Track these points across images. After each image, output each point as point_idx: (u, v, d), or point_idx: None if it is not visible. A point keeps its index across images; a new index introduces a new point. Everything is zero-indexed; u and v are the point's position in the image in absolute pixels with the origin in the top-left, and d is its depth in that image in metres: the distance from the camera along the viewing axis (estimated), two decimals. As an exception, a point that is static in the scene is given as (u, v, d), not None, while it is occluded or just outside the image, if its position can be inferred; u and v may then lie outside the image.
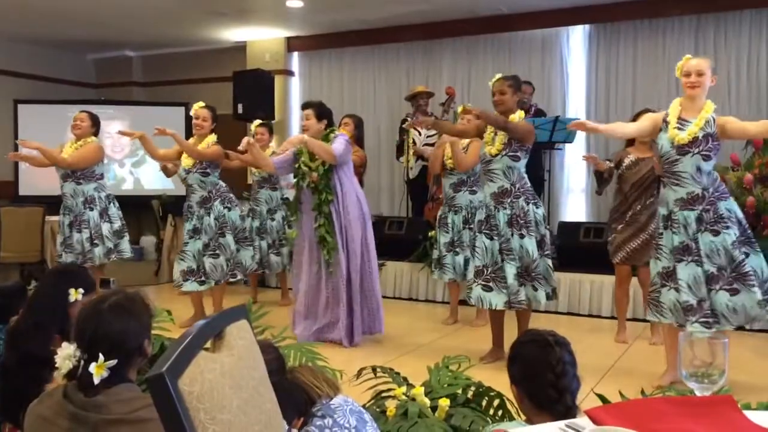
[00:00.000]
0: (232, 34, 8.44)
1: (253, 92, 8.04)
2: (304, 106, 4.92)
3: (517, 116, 4.29)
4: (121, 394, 1.63)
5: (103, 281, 5.20)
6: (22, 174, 8.86)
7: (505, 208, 4.23)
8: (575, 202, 7.45)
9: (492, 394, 2.55)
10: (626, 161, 4.74)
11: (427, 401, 2.42)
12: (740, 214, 3.70)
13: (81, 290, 2.47)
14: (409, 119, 7.17)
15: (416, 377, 2.72)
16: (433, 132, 7.16)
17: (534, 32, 7.49)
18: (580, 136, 7.01)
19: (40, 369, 2.17)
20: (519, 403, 1.98)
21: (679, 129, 3.66)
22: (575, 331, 4.36)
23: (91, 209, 5.55)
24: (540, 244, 4.24)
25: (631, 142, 4.79)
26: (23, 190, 8.77)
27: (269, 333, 3.17)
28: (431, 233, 6.42)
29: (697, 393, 1.29)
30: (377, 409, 2.46)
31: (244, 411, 1.16)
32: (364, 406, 2.30)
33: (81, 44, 9.10)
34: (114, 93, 9.69)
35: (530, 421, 1.93)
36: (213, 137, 5.37)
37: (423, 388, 2.48)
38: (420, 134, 7.20)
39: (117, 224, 5.71)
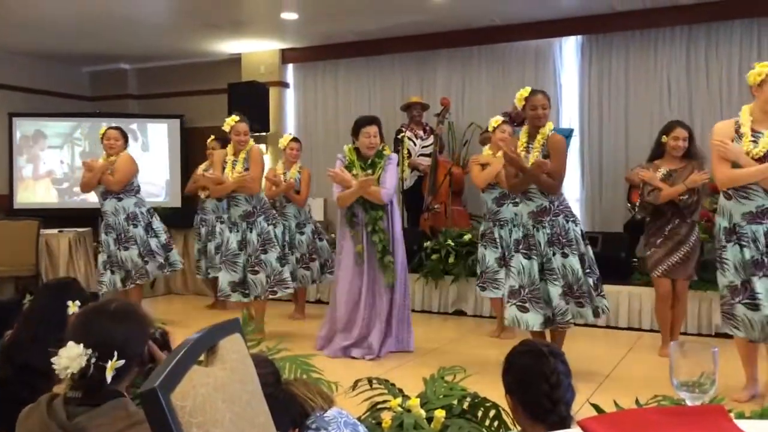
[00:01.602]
0: (227, 46, 8.47)
1: (248, 104, 8.05)
2: (370, 122, 4.83)
3: (547, 128, 4.19)
4: (105, 415, 1.59)
5: (92, 295, 5.19)
6: (17, 187, 8.86)
7: (545, 227, 4.09)
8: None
9: (488, 404, 2.54)
10: (659, 175, 4.60)
11: (423, 413, 2.41)
12: None
13: (77, 302, 2.48)
14: (404, 130, 7.22)
15: (412, 388, 2.72)
16: (429, 143, 7.20)
17: (527, 43, 7.54)
18: (574, 146, 7.04)
19: (38, 381, 2.17)
20: (513, 413, 1.98)
21: (753, 142, 3.52)
22: (570, 340, 4.35)
23: (135, 226, 5.60)
24: (582, 261, 4.11)
25: (659, 155, 4.70)
26: (18, 204, 8.76)
27: (264, 345, 3.17)
28: (426, 243, 6.44)
29: (689, 402, 1.29)
30: (373, 421, 2.46)
31: (237, 425, 1.16)
32: (359, 419, 2.30)
33: (76, 57, 9.12)
34: (109, 106, 9.71)
35: (525, 431, 1.94)
36: (251, 143, 5.36)
37: (419, 400, 2.48)
38: (415, 145, 7.23)
39: (163, 237, 5.81)
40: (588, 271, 4.15)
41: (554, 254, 4.08)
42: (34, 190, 8.95)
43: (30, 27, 7.43)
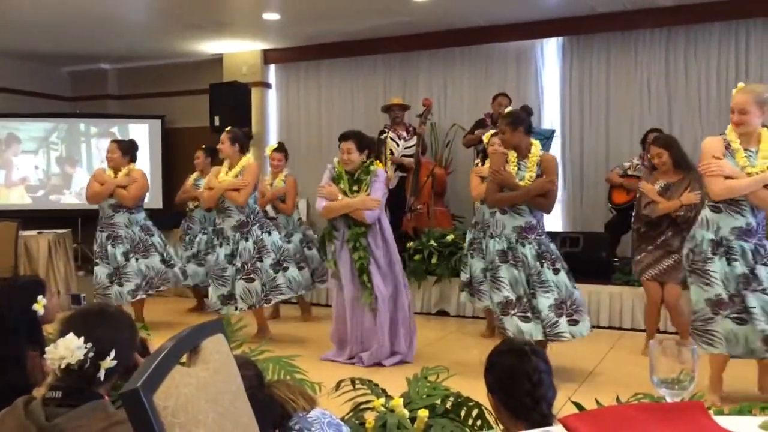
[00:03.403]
0: (209, 46, 8.42)
1: (230, 105, 8.02)
2: (344, 138, 4.68)
3: (537, 147, 4.25)
4: (84, 416, 1.58)
5: (73, 297, 5.12)
6: (1, 181, 8.74)
7: (531, 243, 4.15)
8: (551, 212, 7.52)
9: (470, 404, 2.56)
10: (657, 188, 4.65)
11: (406, 412, 2.42)
12: None
13: (41, 298, 2.46)
14: (387, 130, 7.22)
15: (395, 389, 2.73)
16: (412, 143, 7.21)
17: (509, 44, 7.57)
18: (556, 147, 7.09)
19: (19, 393, 2.15)
20: (496, 412, 1.99)
21: (747, 158, 3.51)
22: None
23: (152, 235, 5.73)
24: (568, 277, 4.20)
25: (655, 167, 4.75)
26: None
27: (247, 347, 3.15)
28: (409, 244, 6.45)
29: (668, 399, 1.31)
30: (356, 422, 2.46)
31: (220, 425, 1.16)
32: (343, 419, 2.30)
33: (56, 57, 9.01)
34: (89, 106, 9.61)
35: (507, 430, 1.95)
36: (247, 158, 5.29)
37: (402, 400, 2.48)
38: (398, 146, 7.24)
39: (171, 249, 5.95)
40: (574, 285, 4.23)
41: (545, 267, 4.12)
42: (7, 198, 8.71)
43: (9, 26, 7.33)
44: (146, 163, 8.98)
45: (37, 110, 9.10)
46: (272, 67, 8.81)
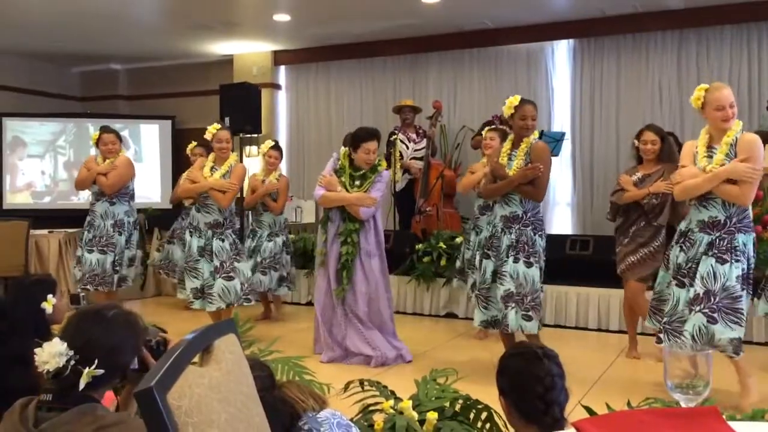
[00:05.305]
0: (219, 47, 8.45)
1: (240, 105, 8.03)
2: (371, 137, 4.65)
3: (532, 137, 4.24)
4: (70, 423, 1.55)
5: (73, 297, 5.10)
6: (6, 187, 8.78)
7: (511, 233, 4.16)
8: (561, 215, 7.51)
9: (480, 407, 2.55)
10: (633, 179, 4.70)
11: (415, 414, 2.41)
12: (752, 252, 3.61)
13: (51, 297, 2.46)
14: (396, 132, 7.22)
15: (404, 391, 2.72)
16: (421, 146, 7.21)
17: (519, 47, 7.56)
18: (566, 149, 7.07)
19: (25, 393, 2.15)
20: (507, 415, 1.98)
21: (707, 158, 3.61)
22: (561, 343, 4.36)
23: (120, 233, 5.49)
24: (541, 275, 4.19)
25: (641, 160, 4.78)
26: (7, 204, 8.69)
27: (256, 347, 3.16)
28: (418, 246, 6.44)
29: (682, 404, 1.30)
30: (365, 423, 2.45)
31: (232, 425, 1.16)
32: (351, 420, 2.29)
33: (66, 57, 9.07)
34: (99, 106, 9.66)
35: (518, 433, 1.95)
36: (234, 158, 5.28)
37: (411, 402, 2.48)
38: (407, 148, 7.24)
39: (133, 252, 5.68)
40: (541, 287, 4.22)
41: (512, 260, 4.13)
42: (12, 204, 8.66)
43: (19, 26, 7.39)
44: (156, 163, 9.04)
45: (47, 110, 9.15)
46: (282, 68, 8.84)
